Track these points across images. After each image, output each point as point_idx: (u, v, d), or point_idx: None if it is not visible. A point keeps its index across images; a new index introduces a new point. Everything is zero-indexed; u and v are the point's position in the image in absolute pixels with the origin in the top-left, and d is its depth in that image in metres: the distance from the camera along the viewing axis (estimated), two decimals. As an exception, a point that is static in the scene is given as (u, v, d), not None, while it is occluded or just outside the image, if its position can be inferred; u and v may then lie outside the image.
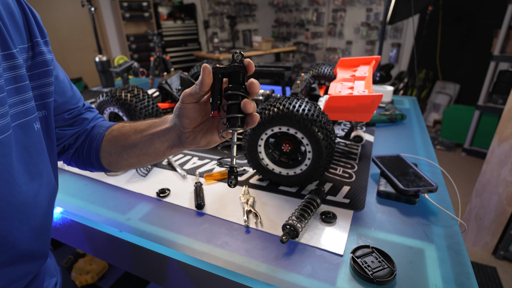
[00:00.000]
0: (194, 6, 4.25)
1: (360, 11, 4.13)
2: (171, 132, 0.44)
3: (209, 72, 0.37)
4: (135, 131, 0.48)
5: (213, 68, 0.38)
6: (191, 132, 0.43)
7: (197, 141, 0.43)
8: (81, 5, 1.69)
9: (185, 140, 0.43)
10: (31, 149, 0.38)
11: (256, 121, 0.38)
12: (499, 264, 1.55)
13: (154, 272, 0.55)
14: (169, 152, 0.46)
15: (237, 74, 0.37)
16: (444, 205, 0.58)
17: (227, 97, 0.38)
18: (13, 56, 0.35)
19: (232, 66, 0.37)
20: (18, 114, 0.36)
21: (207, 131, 0.43)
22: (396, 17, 1.72)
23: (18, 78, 0.36)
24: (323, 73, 1.10)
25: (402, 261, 0.46)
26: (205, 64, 0.37)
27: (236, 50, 0.38)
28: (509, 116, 1.39)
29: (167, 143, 0.45)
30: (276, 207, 0.60)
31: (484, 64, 2.65)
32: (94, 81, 3.36)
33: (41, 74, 0.41)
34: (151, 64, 1.77)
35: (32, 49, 0.40)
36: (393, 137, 0.93)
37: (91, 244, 0.62)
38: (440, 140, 3.03)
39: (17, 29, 0.38)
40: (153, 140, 0.46)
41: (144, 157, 0.48)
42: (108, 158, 0.51)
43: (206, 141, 0.44)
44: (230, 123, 0.37)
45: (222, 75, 0.38)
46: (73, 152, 0.54)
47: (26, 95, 0.37)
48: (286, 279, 0.44)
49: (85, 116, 0.53)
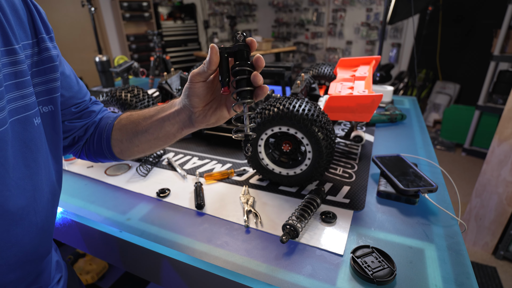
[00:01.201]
0: (194, 6, 4.25)
1: (360, 11, 4.13)
2: (181, 113, 0.46)
3: (216, 51, 0.39)
4: (144, 117, 0.50)
5: (220, 48, 0.40)
6: (201, 111, 0.45)
7: (207, 118, 0.45)
8: (81, 5, 1.70)
9: (195, 119, 0.45)
10: (31, 144, 0.38)
11: (265, 93, 0.40)
12: (499, 264, 1.55)
13: (154, 272, 0.55)
14: (179, 133, 0.48)
15: (242, 52, 0.40)
16: (444, 205, 0.58)
17: (234, 73, 0.40)
18: (14, 52, 0.35)
19: (237, 45, 0.40)
20: (18, 109, 0.36)
21: (216, 108, 0.45)
22: (396, 17, 1.72)
23: (19, 73, 0.36)
24: (323, 73, 1.10)
25: (402, 261, 0.46)
26: (212, 44, 0.39)
27: (238, 31, 0.40)
28: (509, 116, 1.39)
29: (177, 125, 0.47)
30: (276, 207, 0.60)
31: (484, 64, 2.66)
32: (94, 81, 3.36)
33: (47, 70, 0.41)
34: (151, 64, 1.77)
35: (37, 45, 0.40)
36: (393, 137, 0.93)
37: (91, 244, 0.62)
38: (440, 140, 3.03)
39: (21, 25, 0.38)
40: (163, 123, 0.47)
41: (155, 141, 0.50)
42: (119, 146, 0.53)
43: (216, 118, 0.46)
44: (241, 96, 0.40)
45: (228, 54, 0.41)
46: (83, 144, 0.55)
47: (26, 90, 0.37)
48: (286, 279, 0.44)
49: (92, 108, 0.54)
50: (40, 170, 0.40)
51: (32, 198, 0.38)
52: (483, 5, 3.06)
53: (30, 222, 0.39)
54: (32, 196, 0.38)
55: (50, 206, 0.43)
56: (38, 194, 0.39)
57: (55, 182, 0.45)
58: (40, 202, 0.40)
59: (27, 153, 0.37)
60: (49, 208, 0.43)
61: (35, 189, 0.39)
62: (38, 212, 0.40)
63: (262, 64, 0.40)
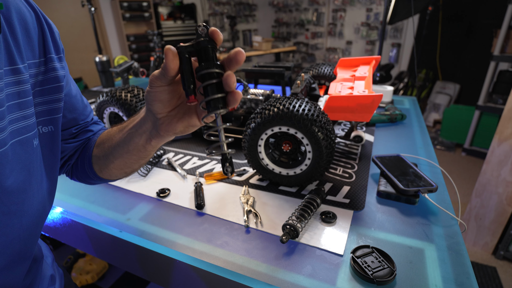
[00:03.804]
0: (194, 6, 4.25)
1: (360, 11, 4.13)
2: (146, 121, 0.40)
3: (173, 55, 0.33)
4: (119, 130, 0.46)
5: (178, 48, 0.33)
6: (165, 117, 0.39)
7: (173, 126, 0.39)
8: (81, 5, 1.69)
9: (159, 126, 0.39)
10: (29, 166, 0.36)
11: (238, 99, 0.33)
12: (499, 264, 1.55)
13: (154, 272, 0.55)
14: (149, 145, 0.42)
15: (206, 50, 0.33)
16: (444, 205, 0.58)
17: (200, 77, 0.33)
18: (18, 71, 0.35)
19: (199, 42, 0.33)
20: (19, 130, 0.35)
21: (184, 114, 0.39)
22: (396, 17, 1.72)
23: (22, 93, 0.35)
24: (323, 73, 1.10)
25: (402, 261, 0.46)
26: (167, 46, 0.33)
27: (200, 24, 0.33)
28: (509, 116, 1.39)
29: (144, 135, 0.41)
30: (276, 207, 0.60)
31: (484, 64, 2.65)
32: (94, 81, 3.36)
33: (51, 90, 0.40)
34: (151, 64, 1.78)
35: (44, 64, 0.39)
36: (393, 137, 0.93)
37: (91, 244, 0.62)
38: (440, 140, 3.03)
39: (30, 44, 0.37)
40: (132, 135, 0.42)
41: (128, 156, 0.45)
42: (98, 163, 0.49)
43: (183, 126, 0.39)
44: (211, 107, 0.33)
45: (189, 54, 0.34)
46: (72, 164, 0.52)
47: (28, 111, 0.36)
48: (286, 279, 0.44)
49: (90, 128, 0.52)
50: (33, 194, 0.38)
51: (18, 225, 0.36)
52: (483, 5, 3.06)
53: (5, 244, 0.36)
54: (18, 223, 0.36)
55: (33, 227, 0.40)
56: (25, 219, 0.37)
57: (46, 204, 0.42)
58: (24, 225, 0.37)
59: (25, 176, 0.36)
60: (32, 230, 0.40)
61: (22, 215, 0.36)
62: (21, 234, 0.37)
63: (242, 58, 0.32)
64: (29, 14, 0.38)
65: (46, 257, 0.54)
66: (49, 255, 0.57)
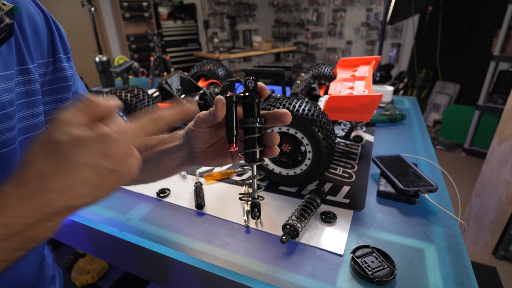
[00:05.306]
0: (194, 6, 4.25)
1: (360, 11, 4.13)
2: (181, 149, 0.43)
3: (222, 105, 0.36)
4: (146, 146, 0.47)
5: (227, 98, 0.37)
6: (202, 152, 0.42)
7: (208, 161, 0.42)
8: (81, 5, 1.69)
9: (195, 159, 0.42)
10: None
11: (276, 154, 0.37)
12: (499, 264, 1.55)
13: (154, 272, 0.55)
14: (179, 168, 0.45)
15: (252, 105, 0.36)
16: (444, 205, 0.58)
17: (244, 129, 0.37)
18: (28, 71, 0.36)
19: (247, 96, 0.36)
20: (27, 128, 0.36)
21: (219, 152, 0.42)
22: (396, 17, 1.72)
23: (31, 92, 0.36)
24: (323, 73, 1.10)
25: (402, 261, 0.46)
26: (218, 96, 0.36)
27: (249, 77, 0.37)
28: (509, 116, 1.39)
29: (177, 160, 0.44)
30: (276, 207, 0.60)
31: (484, 64, 2.65)
32: (94, 81, 3.36)
33: (59, 89, 0.42)
34: (151, 64, 1.78)
35: (53, 64, 0.41)
36: (393, 137, 0.93)
37: (91, 244, 0.62)
38: (440, 140, 3.03)
39: (39, 44, 0.39)
40: (163, 157, 0.44)
41: (154, 173, 0.47)
42: None
43: (217, 162, 0.43)
44: (249, 158, 0.37)
45: (236, 104, 0.37)
46: None
47: (37, 109, 0.37)
48: (286, 279, 0.44)
49: None
50: None
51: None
52: (483, 5, 3.06)
53: None
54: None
55: None
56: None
57: None
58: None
59: None
60: None
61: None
62: None
63: (288, 120, 0.36)
64: (38, 15, 0.39)
65: (47, 257, 0.54)
66: (49, 255, 0.57)
